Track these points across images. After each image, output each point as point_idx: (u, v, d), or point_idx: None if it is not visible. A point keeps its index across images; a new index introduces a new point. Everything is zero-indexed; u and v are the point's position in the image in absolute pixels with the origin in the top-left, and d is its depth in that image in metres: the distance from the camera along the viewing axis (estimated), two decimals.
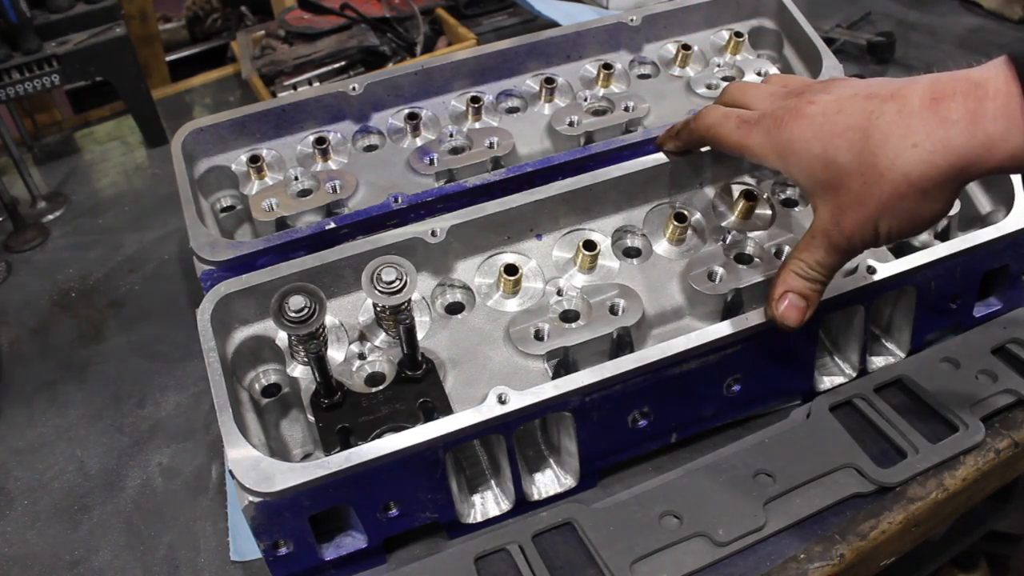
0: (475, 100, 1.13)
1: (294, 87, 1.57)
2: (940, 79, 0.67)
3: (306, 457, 0.85)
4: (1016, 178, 0.95)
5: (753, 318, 0.82)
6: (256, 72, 1.62)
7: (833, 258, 0.75)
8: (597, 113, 1.13)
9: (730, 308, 0.91)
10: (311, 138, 1.11)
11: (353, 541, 0.81)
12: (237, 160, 1.10)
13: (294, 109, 1.10)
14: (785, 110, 0.76)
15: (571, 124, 1.10)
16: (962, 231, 1.00)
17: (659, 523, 0.80)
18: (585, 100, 1.16)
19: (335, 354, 0.87)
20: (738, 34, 1.21)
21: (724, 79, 1.17)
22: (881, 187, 0.68)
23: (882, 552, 0.83)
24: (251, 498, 0.72)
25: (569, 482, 0.86)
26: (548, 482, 0.87)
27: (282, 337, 0.89)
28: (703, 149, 0.95)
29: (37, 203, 1.43)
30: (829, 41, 1.56)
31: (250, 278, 0.87)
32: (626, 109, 1.12)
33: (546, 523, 0.82)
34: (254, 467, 0.72)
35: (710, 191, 1.01)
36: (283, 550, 0.77)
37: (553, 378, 0.82)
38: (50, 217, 1.42)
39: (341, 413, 0.82)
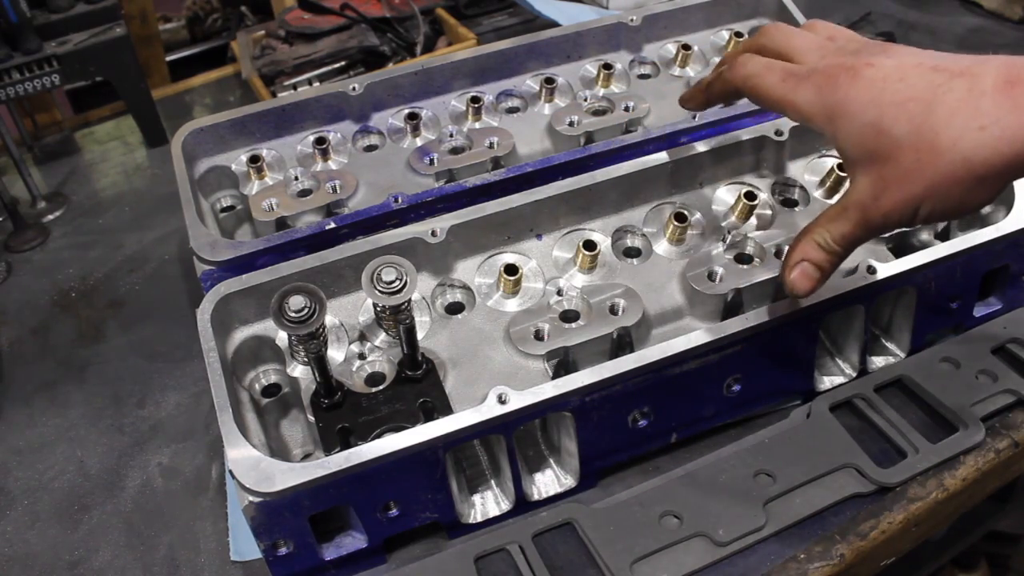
0: (475, 100, 1.13)
1: (294, 87, 1.57)
2: (1016, 63, 0.63)
3: (306, 457, 0.85)
4: None
5: (753, 318, 0.82)
6: (256, 72, 1.62)
7: (861, 233, 0.71)
8: (597, 113, 1.13)
9: (730, 308, 0.91)
10: (311, 138, 1.11)
11: (353, 541, 0.81)
12: (237, 160, 1.10)
13: (294, 109, 1.10)
14: (840, 68, 0.70)
15: (571, 124, 1.10)
16: (962, 231, 1.00)
17: (659, 523, 0.80)
18: (585, 100, 1.16)
19: (335, 354, 0.87)
20: (738, 34, 1.21)
21: None
22: (936, 167, 0.63)
23: (882, 552, 0.83)
24: (251, 498, 0.72)
25: (569, 482, 0.86)
26: (548, 482, 0.87)
27: (282, 337, 0.89)
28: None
29: (37, 203, 1.43)
30: None
31: (250, 278, 0.87)
32: (626, 109, 1.12)
33: (546, 523, 0.82)
34: (254, 467, 0.72)
35: (710, 191, 1.01)
36: (283, 550, 0.77)
37: (553, 378, 0.82)
38: (50, 217, 1.42)
39: (341, 413, 0.82)
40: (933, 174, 0.64)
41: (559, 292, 0.91)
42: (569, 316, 0.89)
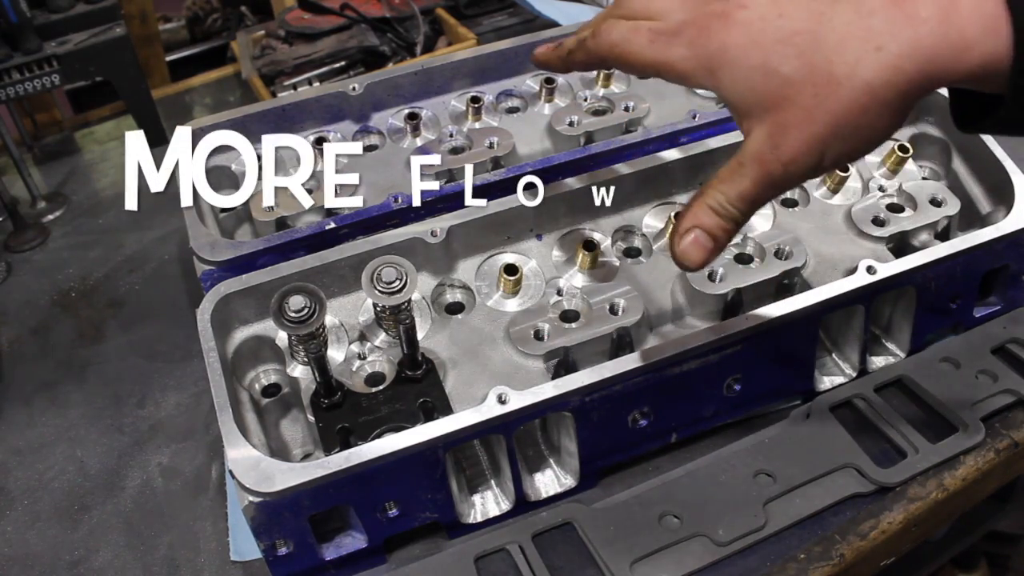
0: (475, 100, 1.13)
1: (294, 87, 1.57)
2: None
3: (306, 457, 0.85)
4: (1016, 178, 0.95)
5: (753, 318, 0.82)
6: (256, 72, 1.62)
7: (760, 191, 0.63)
8: (597, 113, 1.12)
9: (730, 308, 0.91)
10: (311, 138, 1.11)
11: (353, 541, 0.81)
12: (237, 160, 1.10)
13: (294, 109, 1.10)
14: (710, 16, 0.63)
15: (571, 124, 1.10)
16: (962, 231, 1.00)
17: (659, 523, 0.80)
18: (585, 100, 1.16)
19: (335, 354, 0.87)
20: None
21: None
22: (838, 99, 0.58)
23: (882, 552, 0.83)
24: (251, 498, 0.72)
25: (569, 482, 0.86)
26: (548, 482, 0.87)
27: (282, 337, 0.89)
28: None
29: (37, 203, 1.43)
30: None
31: (250, 278, 0.87)
32: (626, 109, 1.12)
33: (546, 523, 0.82)
34: (254, 467, 0.72)
35: None
36: (283, 550, 0.77)
37: (553, 378, 0.82)
38: (50, 217, 1.42)
39: (341, 413, 0.82)
40: (837, 108, 0.58)
41: (559, 292, 0.91)
42: (569, 316, 0.89)
